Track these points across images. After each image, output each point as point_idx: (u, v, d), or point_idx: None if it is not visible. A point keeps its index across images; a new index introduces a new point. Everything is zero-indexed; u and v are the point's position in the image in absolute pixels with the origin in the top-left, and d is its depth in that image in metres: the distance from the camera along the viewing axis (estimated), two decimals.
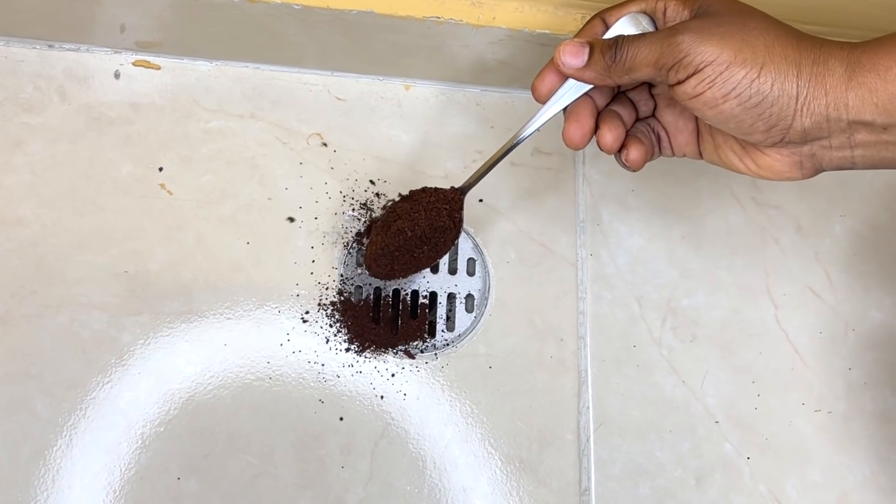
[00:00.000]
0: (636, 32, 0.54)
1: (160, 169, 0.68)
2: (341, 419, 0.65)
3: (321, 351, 0.66)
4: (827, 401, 0.72)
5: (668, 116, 0.59)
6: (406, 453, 0.65)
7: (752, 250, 0.75)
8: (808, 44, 0.50)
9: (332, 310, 0.67)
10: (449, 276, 0.70)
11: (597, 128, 0.58)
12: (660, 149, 0.60)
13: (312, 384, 0.66)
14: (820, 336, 0.74)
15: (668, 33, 0.50)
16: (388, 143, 0.72)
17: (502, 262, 0.71)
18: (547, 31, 0.65)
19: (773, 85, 0.49)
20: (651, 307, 0.72)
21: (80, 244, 0.65)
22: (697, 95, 0.50)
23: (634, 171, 0.58)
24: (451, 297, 0.70)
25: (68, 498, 0.61)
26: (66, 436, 0.62)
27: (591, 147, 0.74)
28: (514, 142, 0.59)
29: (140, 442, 0.63)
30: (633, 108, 0.60)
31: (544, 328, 0.70)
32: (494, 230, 0.71)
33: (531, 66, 0.70)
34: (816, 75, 0.49)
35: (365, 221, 0.69)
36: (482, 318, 0.69)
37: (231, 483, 0.63)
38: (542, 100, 0.58)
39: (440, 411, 0.67)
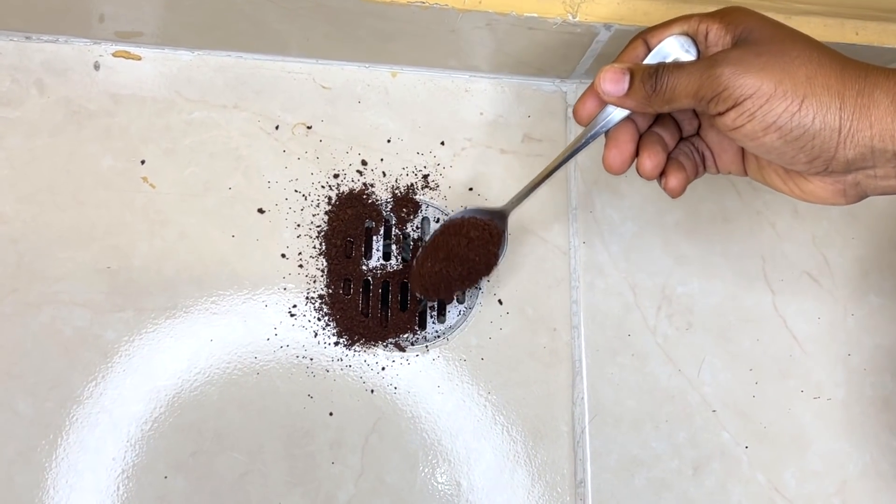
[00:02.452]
0: (679, 55, 0.53)
1: (142, 162, 0.67)
2: (331, 414, 0.64)
3: (309, 345, 0.65)
4: (826, 387, 0.71)
5: (712, 136, 0.58)
6: (397, 448, 0.64)
7: (747, 235, 0.74)
8: (852, 73, 0.49)
9: (321, 303, 0.66)
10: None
11: (637, 152, 0.57)
12: (704, 167, 0.59)
13: (301, 379, 0.64)
14: (818, 322, 0.73)
15: (708, 64, 0.49)
16: (375, 132, 0.71)
17: None
18: (534, 15, 0.64)
19: (814, 118, 0.48)
20: (645, 295, 0.71)
21: (61, 240, 0.64)
22: (738, 128, 0.50)
23: (674, 197, 0.58)
24: None
25: (53, 499, 0.60)
26: (49, 436, 0.61)
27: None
28: (558, 164, 0.60)
29: (125, 440, 0.61)
30: (677, 127, 0.59)
31: (537, 318, 0.69)
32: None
33: (519, 50, 0.69)
34: (861, 107, 0.48)
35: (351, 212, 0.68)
36: (473, 310, 0.68)
37: (219, 481, 0.62)
38: (584, 123, 0.57)
39: (431, 405, 0.65)
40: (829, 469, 0.70)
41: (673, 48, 0.54)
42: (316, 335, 0.65)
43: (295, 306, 0.66)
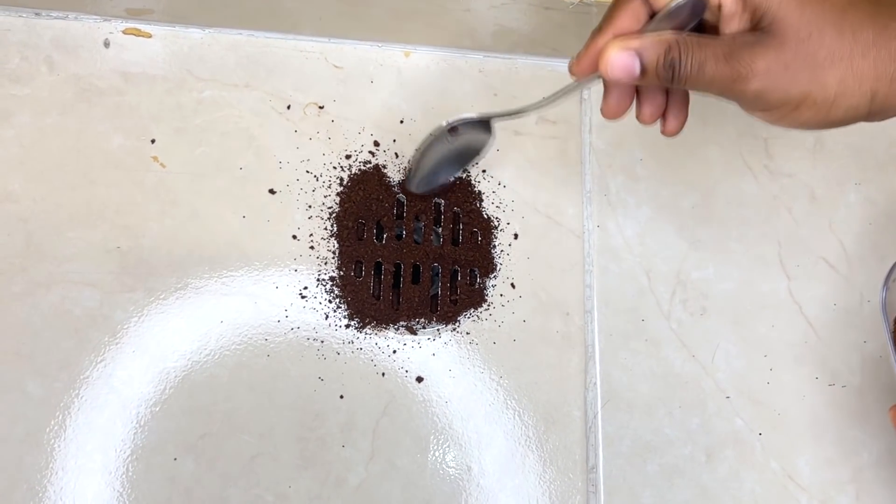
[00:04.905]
0: (686, 19, 0.48)
1: (152, 141, 0.66)
2: (342, 397, 0.64)
3: (320, 327, 0.65)
4: (841, 375, 0.71)
5: None
6: (408, 432, 0.64)
7: (764, 220, 0.73)
8: (885, 56, 0.46)
9: (332, 285, 0.66)
10: (452, 250, 0.68)
11: (636, 95, 0.53)
12: None
13: (312, 362, 0.64)
14: (834, 308, 0.72)
15: (732, 62, 0.46)
16: (387, 112, 0.70)
17: (506, 234, 0.69)
18: None
19: (844, 115, 0.47)
20: (660, 280, 0.70)
21: (70, 219, 0.63)
22: (765, 121, 0.49)
23: (670, 136, 0.55)
24: (454, 272, 0.68)
25: (62, 479, 0.59)
26: (58, 416, 0.60)
27: (598, 115, 0.72)
28: (553, 98, 0.56)
29: (135, 422, 0.61)
30: None
31: (550, 302, 0.68)
32: (498, 202, 0.69)
33: (534, 30, 0.68)
34: (895, 92, 0.46)
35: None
36: (486, 293, 0.67)
37: (229, 463, 0.61)
38: (579, 79, 0.53)
39: (443, 388, 0.65)
40: (843, 457, 0.69)
41: (681, 10, 0.48)
42: (327, 317, 0.65)
43: (306, 288, 0.65)
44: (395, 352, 0.65)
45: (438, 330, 0.66)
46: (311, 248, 0.66)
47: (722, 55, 0.47)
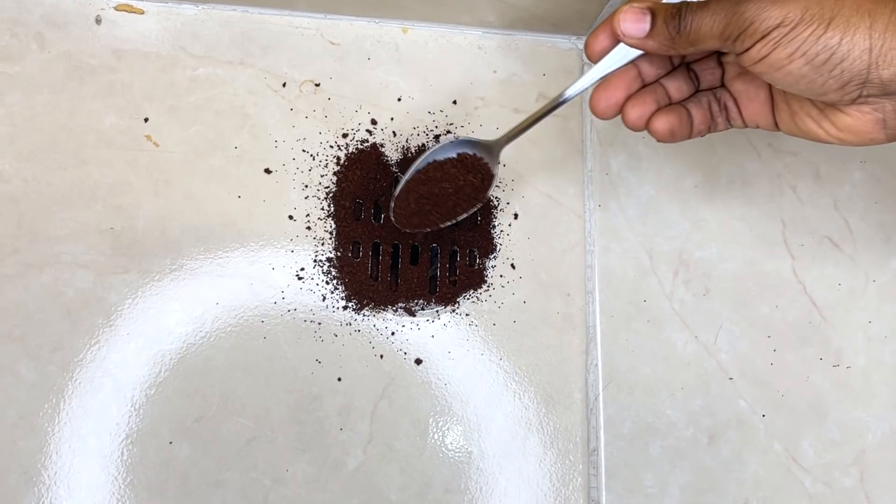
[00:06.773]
0: None
1: (146, 120, 0.65)
2: (339, 380, 0.63)
3: (317, 309, 0.64)
4: (845, 355, 0.70)
5: (738, 85, 0.56)
6: (407, 414, 0.63)
7: (767, 199, 0.72)
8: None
9: (329, 266, 0.65)
10: (451, 230, 0.67)
11: None
12: (728, 121, 0.57)
13: (309, 344, 0.63)
14: (838, 288, 0.71)
15: (734, 1, 0.48)
16: (384, 90, 0.69)
17: (506, 214, 0.68)
18: None
19: (841, 39, 0.46)
20: (662, 260, 0.69)
21: (62, 200, 0.62)
22: (763, 58, 0.48)
23: (660, 141, 0.56)
24: (453, 252, 0.67)
25: (56, 464, 0.59)
26: (52, 400, 0.60)
27: None
28: (558, 101, 0.57)
29: (130, 405, 0.60)
30: (691, 79, 0.57)
31: (551, 283, 0.67)
32: (498, 181, 0.68)
33: (534, 5, 0.67)
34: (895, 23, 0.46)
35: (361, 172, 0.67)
36: (486, 274, 0.66)
37: (225, 447, 0.61)
38: (594, 60, 0.55)
39: (442, 371, 0.64)
40: (847, 438, 0.68)
41: None
42: (324, 299, 0.64)
43: (303, 269, 0.64)
44: (393, 333, 0.64)
45: (437, 311, 0.65)
46: (308, 228, 0.65)
47: (723, 4, 0.48)
